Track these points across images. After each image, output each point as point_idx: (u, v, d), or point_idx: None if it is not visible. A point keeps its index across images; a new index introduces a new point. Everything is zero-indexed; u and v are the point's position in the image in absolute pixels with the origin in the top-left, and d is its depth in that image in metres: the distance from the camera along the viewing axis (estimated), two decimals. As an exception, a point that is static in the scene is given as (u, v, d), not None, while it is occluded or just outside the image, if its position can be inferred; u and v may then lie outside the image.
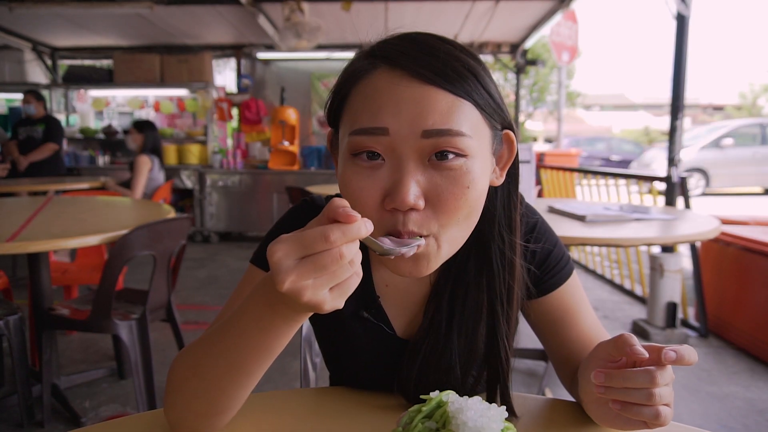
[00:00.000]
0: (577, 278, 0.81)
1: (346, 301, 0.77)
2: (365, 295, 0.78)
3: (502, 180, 0.69)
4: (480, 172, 0.61)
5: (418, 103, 0.58)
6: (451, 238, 0.62)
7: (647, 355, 0.55)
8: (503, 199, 0.72)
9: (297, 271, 0.46)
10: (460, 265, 0.74)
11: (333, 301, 0.49)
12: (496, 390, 0.73)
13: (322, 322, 0.83)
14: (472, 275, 0.73)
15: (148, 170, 4.11)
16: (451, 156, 0.59)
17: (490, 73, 0.64)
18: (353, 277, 0.49)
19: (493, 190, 0.70)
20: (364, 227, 0.47)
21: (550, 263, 0.78)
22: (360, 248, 0.79)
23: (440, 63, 0.59)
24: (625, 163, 15.40)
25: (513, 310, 0.73)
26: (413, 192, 0.58)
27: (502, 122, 0.65)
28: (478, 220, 0.65)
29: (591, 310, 0.81)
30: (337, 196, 0.82)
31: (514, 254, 0.72)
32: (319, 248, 0.46)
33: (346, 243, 0.46)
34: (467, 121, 0.59)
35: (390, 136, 0.58)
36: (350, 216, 0.46)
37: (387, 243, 0.56)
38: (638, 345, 0.56)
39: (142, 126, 4.29)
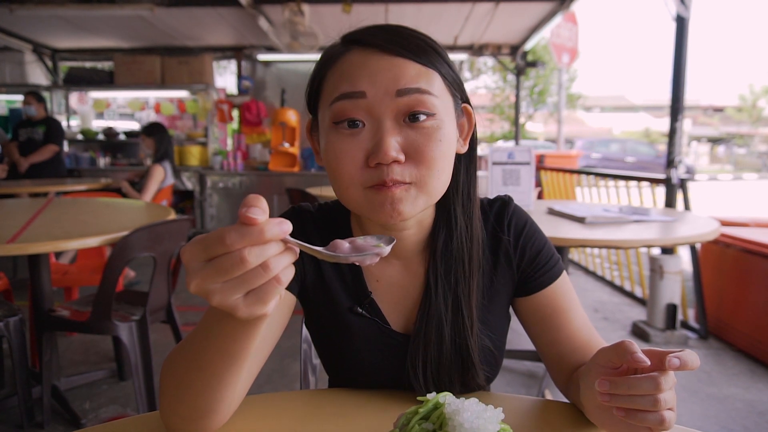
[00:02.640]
0: (567, 279, 0.83)
1: (340, 299, 0.79)
2: (357, 291, 0.80)
3: (465, 148, 0.76)
4: (448, 130, 0.69)
5: (390, 70, 0.66)
6: (428, 188, 0.68)
7: (649, 363, 0.55)
8: (467, 165, 0.79)
9: (201, 275, 0.45)
10: (438, 243, 0.78)
11: (248, 307, 0.46)
12: (466, 367, 0.76)
13: (317, 323, 0.83)
14: (442, 246, 0.77)
15: (160, 180, 4.12)
16: (422, 117, 0.66)
17: (448, 55, 0.72)
18: (271, 283, 0.45)
19: (457, 159, 0.76)
20: (270, 230, 0.44)
21: (539, 262, 0.81)
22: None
23: (406, 40, 0.68)
24: (640, 166, 15.27)
25: (473, 279, 0.77)
26: (394, 147, 0.65)
27: (461, 95, 0.74)
28: (449, 180, 0.71)
29: (582, 311, 0.82)
30: (331, 202, 0.84)
31: (472, 220, 0.78)
32: (218, 251, 0.44)
33: (247, 246, 0.43)
34: (434, 85, 0.68)
35: (368, 98, 0.65)
36: (249, 218, 0.43)
37: (344, 249, 0.52)
38: (639, 352, 0.56)
39: (151, 130, 4.26)
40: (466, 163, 0.79)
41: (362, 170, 0.66)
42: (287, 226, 0.45)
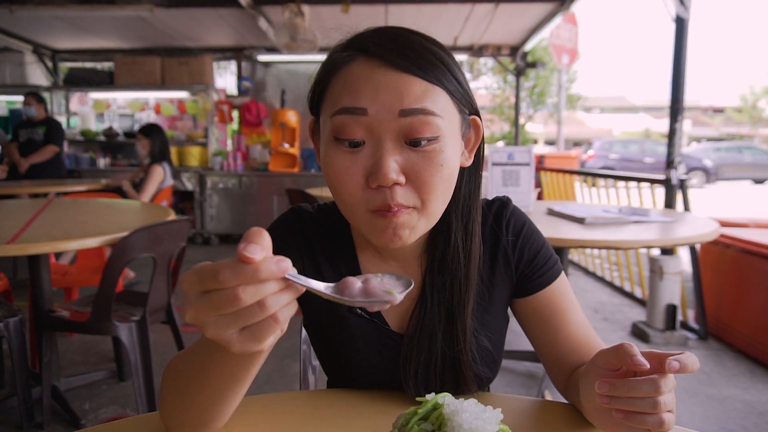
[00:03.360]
0: (566, 280, 0.83)
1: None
2: None
3: (470, 162, 0.75)
4: (451, 151, 0.67)
5: (394, 88, 0.63)
6: (429, 212, 0.67)
7: (648, 366, 0.55)
8: (469, 178, 0.77)
9: (196, 306, 0.44)
10: (437, 251, 0.77)
11: (242, 343, 0.44)
12: (458, 374, 0.76)
13: (316, 324, 0.84)
14: (439, 259, 0.77)
15: (159, 181, 4.13)
16: (424, 143, 0.64)
17: (458, 65, 0.70)
18: (267, 322, 0.44)
19: (460, 171, 0.74)
20: (266, 269, 0.42)
21: (538, 262, 0.81)
22: (345, 242, 0.80)
23: (413, 53, 0.65)
24: (658, 166, 15.29)
25: (469, 295, 0.76)
26: (393, 169, 0.63)
27: (469, 108, 0.71)
28: (451, 196, 0.71)
29: (580, 312, 0.82)
30: (331, 202, 0.84)
31: (474, 233, 0.77)
32: (211, 286, 0.43)
33: (242, 284, 0.42)
34: (439, 104, 0.65)
35: (369, 116, 0.63)
36: (244, 256, 0.41)
37: (353, 290, 0.49)
38: (639, 355, 0.56)
39: (149, 131, 4.26)
40: (469, 176, 0.77)
41: (363, 190, 0.65)
42: (285, 264, 0.43)
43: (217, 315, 0.43)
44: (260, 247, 0.42)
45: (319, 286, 0.47)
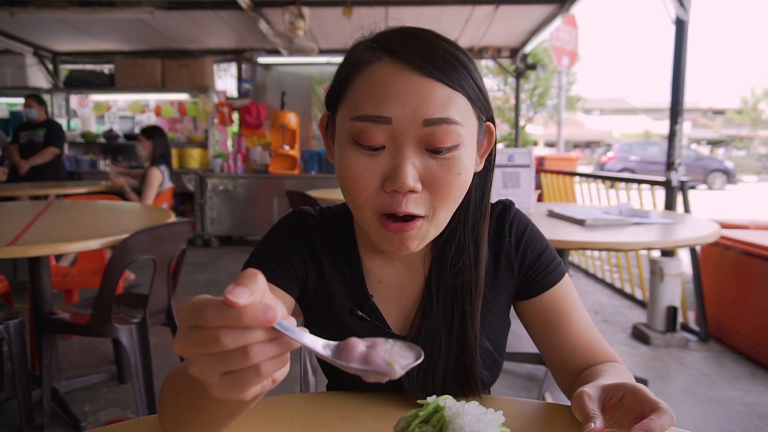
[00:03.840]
0: (569, 282, 0.83)
1: (341, 301, 0.79)
2: (358, 293, 0.80)
3: (481, 167, 0.76)
4: (468, 159, 0.68)
5: (418, 95, 0.63)
6: (440, 219, 0.69)
7: None
8: (479, 183, 0.78)
9: (183, 339, 0.41)
10: (444, 253, 0.78)
11: (221, 389, 0.41)
12: (466, 378, 0.75)
13: (317, 325, 0.84)
14: (450, 260, 0.77)
15: (158, 184, 4.12)
16: (444, 151, 0.65)
17: (478, 69, 0.70)
18: (249, 371, 0.41)
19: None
20: (248, 315, 0.39)
21: (541, 264, 0.81)
22: (348, 244, 0.80)
23: (438, 58, 0.65)
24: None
25: (479, 289, 0.76)
26: (411, 175, 0.64)
27: (486, 114, 0.72)
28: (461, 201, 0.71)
29: (584, 314, 0.82)
30: (334, 206, 0.84)
31: (482, 237, 0.77)
32: (197, 322, 0.40)
33: (223, 326, 0.39)
34: (460, 111, 0.65)
35: (393, 125, 0.63)
36: (228, 299, 0.39)
37: (355, 352, 0.45)
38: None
39: (151, 132, 4.23)
40: (480, 181, 0.78)
41: (378, 193, 0.66)
42: (273, 313, 0.40)
43: (201, 353, 0.41)
44: (248, 291, 0.39)
45: (315, 343, 0.44)
